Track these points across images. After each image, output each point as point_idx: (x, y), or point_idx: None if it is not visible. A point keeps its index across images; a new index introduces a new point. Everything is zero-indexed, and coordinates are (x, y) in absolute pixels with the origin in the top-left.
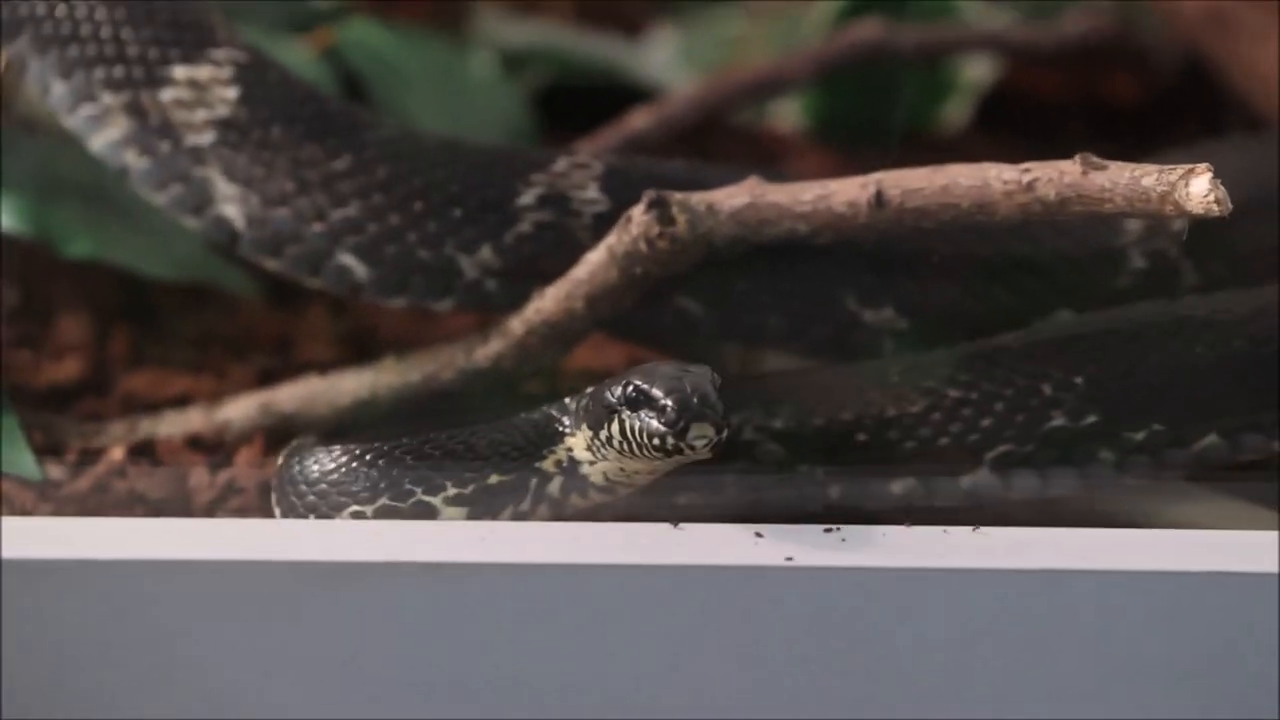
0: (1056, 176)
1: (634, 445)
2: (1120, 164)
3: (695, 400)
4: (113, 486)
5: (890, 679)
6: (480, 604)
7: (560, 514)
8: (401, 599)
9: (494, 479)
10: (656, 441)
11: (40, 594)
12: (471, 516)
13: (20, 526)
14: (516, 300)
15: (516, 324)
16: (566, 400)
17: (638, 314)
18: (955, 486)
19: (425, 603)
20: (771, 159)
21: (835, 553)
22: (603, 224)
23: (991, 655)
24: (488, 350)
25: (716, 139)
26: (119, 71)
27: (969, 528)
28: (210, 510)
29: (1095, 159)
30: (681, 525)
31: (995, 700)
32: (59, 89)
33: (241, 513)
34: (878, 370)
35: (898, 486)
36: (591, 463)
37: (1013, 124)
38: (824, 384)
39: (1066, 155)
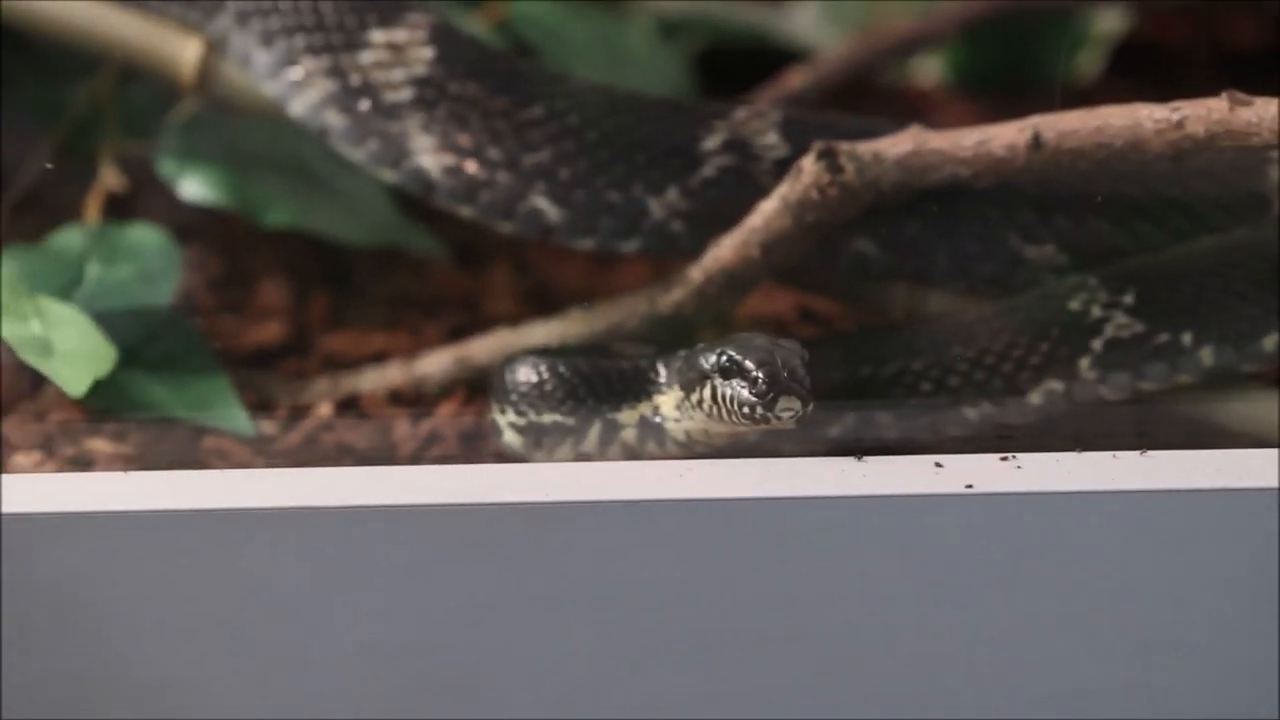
0: (1205, 113)
1: (723, 410)
2: (1266, 99)
3: (785, 374)
4: (321, 439)
5: (1061, 596)
6: (680, 539)
7: (634, 458)
8: (603, 535)
9: (547, 418)
10: (746, 410)
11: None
12: (525, 446)
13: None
14: (700, 241)
15: (696, 272)
16: (660, 360)
17: (813, 257)
18: None
19: (625, 538)
20: (916, 114)
21: (1012, 478)
22: (782, 168)
23: (1157, 572)
24: (669, 298)
25: (864, 96)
26: (319, 38)
27: (1137, 451)
28: (414, 459)
29: (1241, 95)
30: (865, 459)
31: (1167, 613)
32: (261, 58)
33: (444, 460)
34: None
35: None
36: (677, 420)
37: (1141, 72)
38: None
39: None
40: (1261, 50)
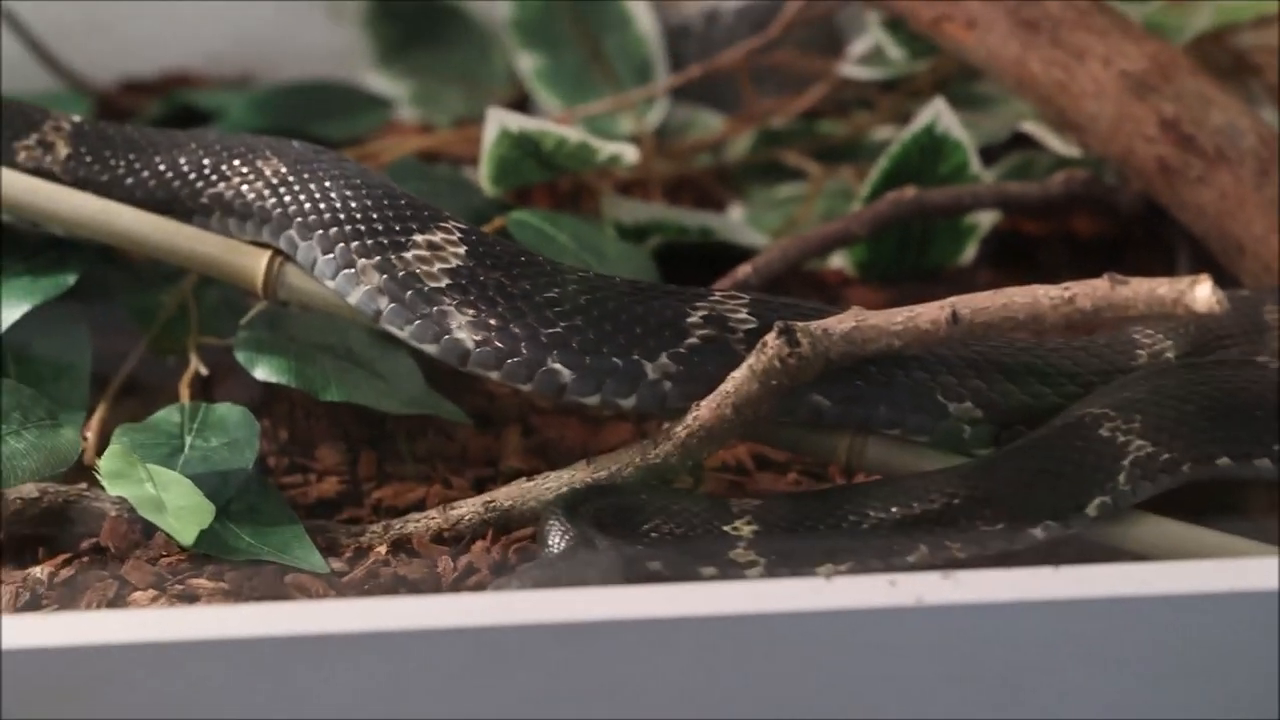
0: (1091, 291)
1: None
2: (1139, 279)
3: None
4: (381, 574)
5: (997, 689)
6: (674, 656)
7: None
8: (603, 653)
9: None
10: None
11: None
12: None
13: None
14: (685, 399)
15: (680, 429)
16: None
17: (777, 407)
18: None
19: (620, 655)
20: (834, 296)
21: (954, 592)
22: (753, 338)
23: (1082, 670)
24: (658, 450)
25: (791, 282)
26: (370, 242)
27: (1050, 567)
28: (455, 587)
29: (1120, 276)
30: (833, 578)
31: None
32: (324, 261)
33: (479, 587)
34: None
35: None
36: None
37: (1007, 258)
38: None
39: (1050, 283)
40: (1098, 239)
